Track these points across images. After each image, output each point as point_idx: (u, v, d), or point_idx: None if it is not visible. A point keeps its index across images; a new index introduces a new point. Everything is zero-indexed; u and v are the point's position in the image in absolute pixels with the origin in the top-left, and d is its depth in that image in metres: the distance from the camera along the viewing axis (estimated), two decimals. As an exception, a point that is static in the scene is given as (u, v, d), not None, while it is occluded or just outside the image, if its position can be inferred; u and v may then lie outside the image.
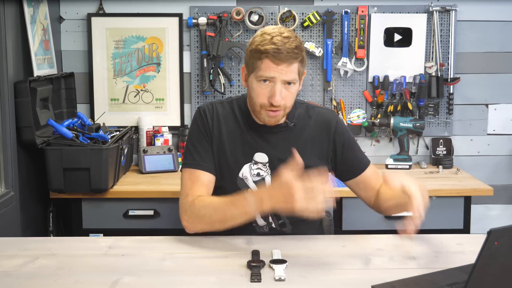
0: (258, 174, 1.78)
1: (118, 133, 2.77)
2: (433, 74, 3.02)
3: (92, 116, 3.03)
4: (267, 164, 1.78)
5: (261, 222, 1.81)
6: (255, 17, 2.97)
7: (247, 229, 1.76)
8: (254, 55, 1.67)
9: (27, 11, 2.51)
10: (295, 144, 1.77)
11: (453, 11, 3.00)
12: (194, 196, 1.71)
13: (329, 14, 2.98)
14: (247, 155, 1.79)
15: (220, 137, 1.79)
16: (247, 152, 1.79)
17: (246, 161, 1.79)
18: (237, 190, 1.75)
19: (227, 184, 1.79)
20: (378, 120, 3.00)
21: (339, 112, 3.05)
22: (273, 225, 1.81)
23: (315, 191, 1.42)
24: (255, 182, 1.78)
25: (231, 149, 1.79)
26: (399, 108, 3.03)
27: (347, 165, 1.86)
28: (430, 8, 3.00)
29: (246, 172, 1.78)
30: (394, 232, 1.84)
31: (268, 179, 1.78)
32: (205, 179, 1.75)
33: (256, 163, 1.78)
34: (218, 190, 1.81)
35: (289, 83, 1.67)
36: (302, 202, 1.42)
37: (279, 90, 1.65)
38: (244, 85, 1.77)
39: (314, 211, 1.42)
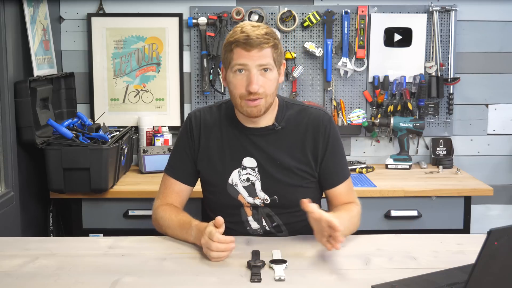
0: (247, 179, 1.77)
1: (118, 133, 2.77)
2: (433, 74, 3.02)
3: (92, 116, 3.03)
4: (256, 169, 1.77)
5: (254, 225, 1.81)
6: (255, 17, 2.97)
7: (241, 232, 1.77)
8: (227, 49, 1.69)
9: (27, 11, 2.51)
10: (283, 146, 1.78)
11: (453, 11, 3.00)
12: (161, 202, 1.84)
13: (329, 14, 2.98)
14: (236, 161, 1.78)
15: (208, 145, 1.81)
16: (236, 157, 1.78)
17: (235, 166, 1.78)
18: (227, 196, 1.78)
19: (218, 190, 1.80)
20: (378, 120, 3.00)
21: (339, 112, 3.05)
22: (267, 228, 1.81)
23: (214, 249, 1.51)
24: (244, 187, 1.78)
25: (219, 156, 1.79)
26: (399, 108, 3.03)
27: (322, 175, 1.82)
28: (430, 8, 3.00)
29: (236, 178, 1.78)
30: (394, 232, 1.84)
31: (257, 184, 1.77)
32: (177, 188, 1.84)
33: (245, 168, 1.77)
34: (211, 196, 1.85)
35: (265, 69, 1.66)
36: (208, 255, 1.53)
37: (255, 77, 1.64)
38: (224, 84, 1.78)
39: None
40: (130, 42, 3.02)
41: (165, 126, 3.04)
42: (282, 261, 1.47)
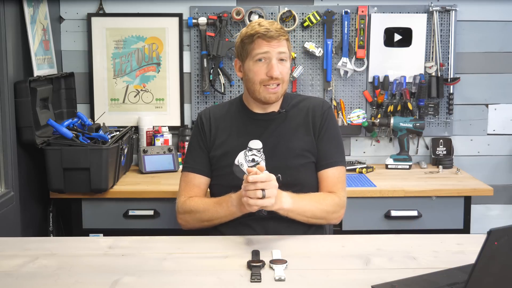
0: (253, 160, 1.88)
1: (118, 133, 2.77)
2: (433, 74, 3.02)
3: (92, 116, 3.03)
4: (261, 150, 1.88)
5: None
6: (255, 17, 2.96)
7: (246, 213, 1.77)
8: (246, 41, 1.85)
9: (27, 11, 2.51)
10: (287, 128, 1.90)
11: (453, 11, 3.00)
12: (186, 196, 1.89)
13: (329, 14, 2.98)
14: (243, 143, 1.90)
15: (218, 134, 1.94)
16: (242, 140, 1.89)
17: (241, 148, 1.89)
18: (233, 177, 1.87)
19: (225, 173, 1.89)
20: (378, 120, 3.00)
21: (339, 112, 3.05)
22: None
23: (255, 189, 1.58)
24: (250, 167, 1.82)
25: (228, 142, 1.91)
26: (399, 108, 3.03)
27: (317, 156, 1.91)
28: (430, 8, 3.00)
29: (242, 158, 1.88)
30: (394, 232, 1.84)
31: (262, 164, 1.85)
32: (197, 181, 1.93)
33: (250, 149, 1.89)
34: (217, 181, 1.93)
35: (282, 59, 1.83)
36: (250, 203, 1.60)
37: (275, 64, 1.82)
38: (240, 75, 1.92)
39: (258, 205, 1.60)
40: (130, 42, 3.02)
41: (165, 126, 3.04)
42: (282, 261, 1.47)
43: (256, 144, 1.89)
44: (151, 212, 2.57)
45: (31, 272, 1.46)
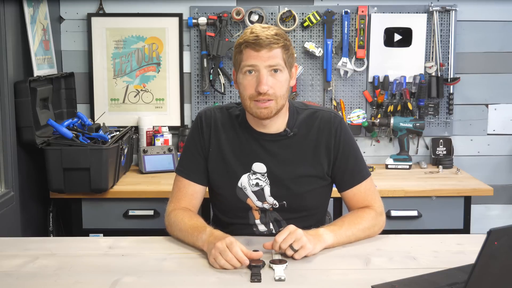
0: (257, 184, 1.75)
1: (118, 133, 2.77)
2: (433, 74, 3.02)
3: (92, 116, 3.03)
4: (266, 174, 1.75)
5: (261, 228, 1.80)
6: (255, 17, 2.97)
7: (247, 234, 1.77)
8: (237, 50, 1.69)
9: (27, 11, 2.51)
10: (294, 152, 1.76)
11: (453, 11, 3.00)
12: (175, 206, 1.78)
13: (329, 14, 2.98)
14: (246, 165, 1.76)
15: (219, 146, 1.78)
16: (246, 161, 1.76)
17: (244, 171, 1.76)
18: (236, 199, 1.77)
19: (227, 193, 1.78)
20: (378, 120, 3.00)
21: (339, 112, 3.04)
22: (274, 231, 1.79)
23: (227, 259, 1.45)
24: (254, 192, 1.76)
25: (230, 158, 1.77)
26: (399, 108, 3.03)
27: (337, 177, 1.80)
28: (430, 8, 3.00)
29: (245, 182, 1.76)
30: (394, 232, 1.84)
31: (267, 189, 1.75)
32: (190, 190, 1.79)
33: (254, 173, 1.76)
34: (219, 198, 1.82)
35: (275, 70, 1.64)
36: (215, 259, 1.47)
37: (264, 77, 1.63)
38: (236, 87, 1.75)
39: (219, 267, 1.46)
40: (130, 42, 3.02)
41: (165, 126, 3.04)
42: (282, 261, 1.47)
43: (260, 167, 1.74)
44: (151, 212, 2.57)
45: (31, 272, 1.46)
